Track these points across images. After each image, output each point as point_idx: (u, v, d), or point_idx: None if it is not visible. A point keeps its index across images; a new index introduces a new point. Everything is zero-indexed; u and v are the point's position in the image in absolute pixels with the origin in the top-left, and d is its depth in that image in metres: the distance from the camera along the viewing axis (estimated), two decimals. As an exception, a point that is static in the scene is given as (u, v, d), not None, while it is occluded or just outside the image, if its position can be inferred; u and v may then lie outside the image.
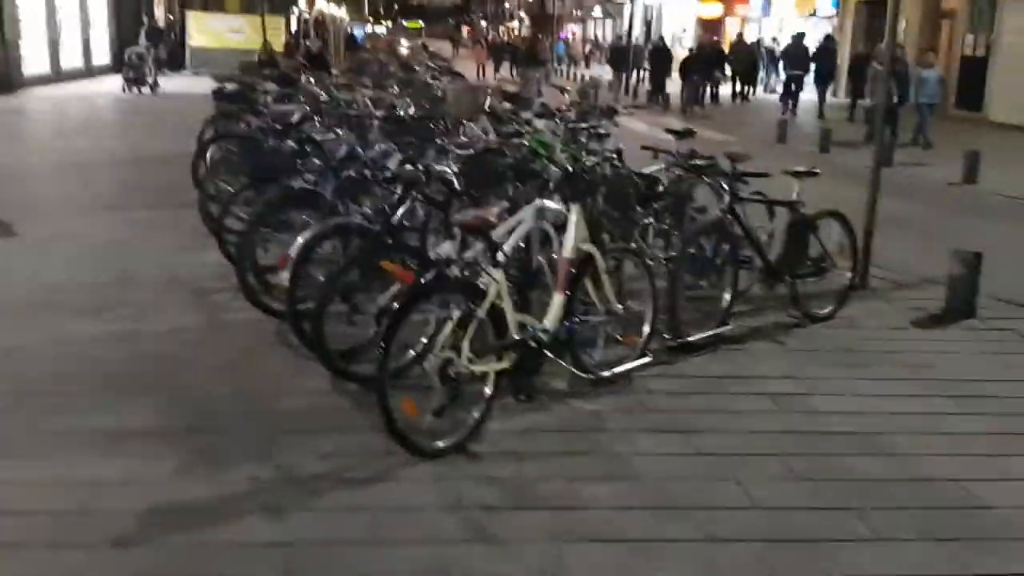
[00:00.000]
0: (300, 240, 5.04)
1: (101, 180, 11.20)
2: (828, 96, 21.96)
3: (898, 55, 14.29)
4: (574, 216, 4.71)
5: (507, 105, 11.11)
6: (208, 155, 9.40)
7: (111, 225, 8.56)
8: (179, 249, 7.67)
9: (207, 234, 7.75)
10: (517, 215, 5.11)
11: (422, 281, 4.16)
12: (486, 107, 9.51)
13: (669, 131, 7.28)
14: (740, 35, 26.95)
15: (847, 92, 22.24)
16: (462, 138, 8.33)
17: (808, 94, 22.36)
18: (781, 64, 23.84)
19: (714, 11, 37.43)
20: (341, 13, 43.19)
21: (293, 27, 32.03)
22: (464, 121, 9.43)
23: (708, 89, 23.39)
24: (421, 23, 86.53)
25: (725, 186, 5.69)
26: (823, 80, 21.79)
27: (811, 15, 30.30)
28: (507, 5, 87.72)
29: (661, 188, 5.96)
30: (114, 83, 23.87)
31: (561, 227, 4.82)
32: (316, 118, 9.31)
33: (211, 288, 6.58)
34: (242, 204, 7.19)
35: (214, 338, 5.51)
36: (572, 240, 4.69)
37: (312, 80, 13.39)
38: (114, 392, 4.61)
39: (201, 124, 11.16)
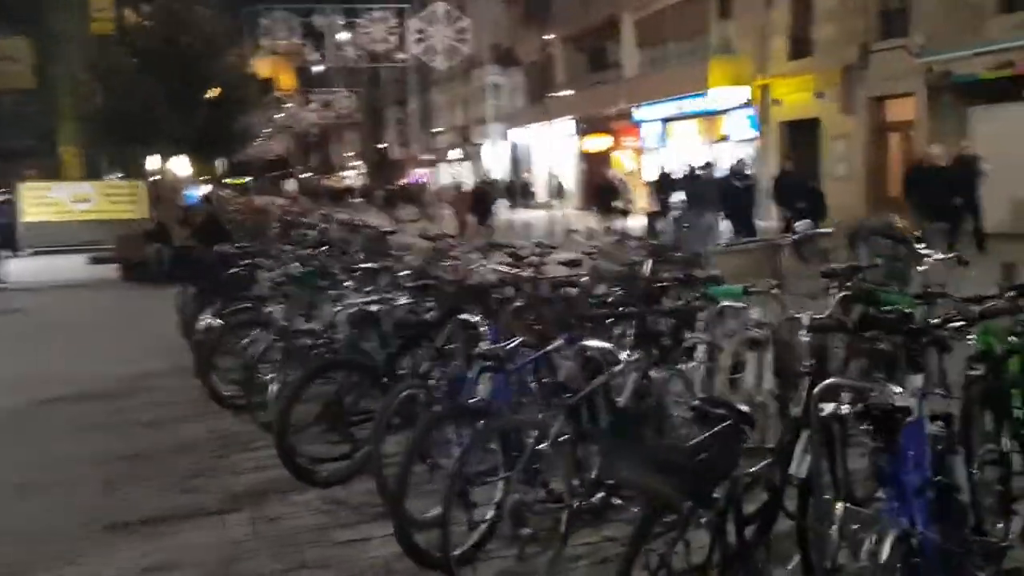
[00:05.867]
0: None
1: (43, 460, 6.57)
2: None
3: None
4: None
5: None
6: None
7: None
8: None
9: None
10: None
11: None
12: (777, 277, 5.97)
13: None
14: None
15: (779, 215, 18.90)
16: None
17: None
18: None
19: (601, 144, 35.55)
20: (188, 174, 38.58)
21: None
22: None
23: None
24: (248, 179, 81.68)
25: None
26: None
27: (720, 141, 28.70)
28: (345, 155, 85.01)
29: None
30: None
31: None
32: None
33: None
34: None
35: None
36: None
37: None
38: None
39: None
